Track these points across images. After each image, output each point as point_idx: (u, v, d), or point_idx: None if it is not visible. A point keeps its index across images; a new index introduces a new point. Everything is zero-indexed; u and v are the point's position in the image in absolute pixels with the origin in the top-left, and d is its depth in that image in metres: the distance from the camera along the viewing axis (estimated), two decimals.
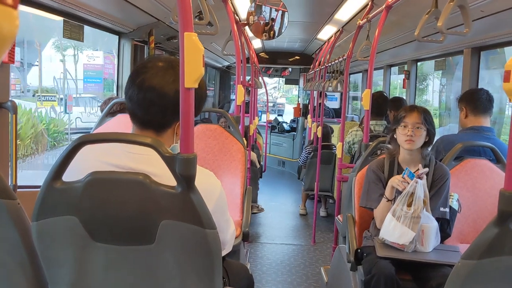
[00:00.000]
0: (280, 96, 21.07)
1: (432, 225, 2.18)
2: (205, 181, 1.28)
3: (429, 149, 2.41)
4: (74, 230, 1.19)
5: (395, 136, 2.37)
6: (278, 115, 9.98)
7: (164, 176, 1.14)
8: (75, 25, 2.87)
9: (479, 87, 3.30)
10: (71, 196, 1.17)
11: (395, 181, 2.25)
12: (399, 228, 2.14)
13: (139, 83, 1.29)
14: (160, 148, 1.11)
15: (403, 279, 2.15)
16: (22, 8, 2.44)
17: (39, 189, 1.19)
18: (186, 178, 1.11)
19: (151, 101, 1.28)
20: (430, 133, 2.31)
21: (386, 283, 2.05)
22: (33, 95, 6.38)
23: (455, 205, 2.37)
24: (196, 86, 1.07)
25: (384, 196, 2.31)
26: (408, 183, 2.18)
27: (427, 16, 2.19)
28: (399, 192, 2.23)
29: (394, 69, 5.95)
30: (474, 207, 2.55)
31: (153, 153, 1.12)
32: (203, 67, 1.08)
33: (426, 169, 2.23)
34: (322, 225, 5.44)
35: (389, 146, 2.49)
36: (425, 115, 2.30)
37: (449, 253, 2.19)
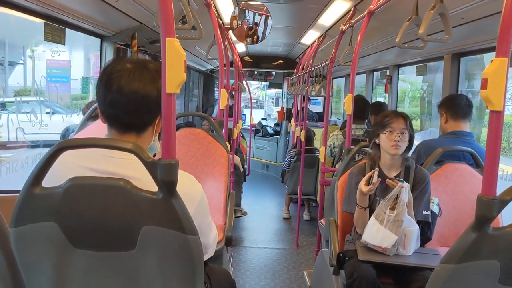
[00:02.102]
0: (262, 95, 21.85)
1: (414, 228, 2.20)
2: (185, 184, 1.27)
3: (410, 153, 2.45)
4: (54, 236, 1.17)
5: (377, 141, 2.39)
6: (262, 119, 10.01)
7: (145, 180, 1.14)
8: (56, 28, 2.84)
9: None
10: (51, 202, 1.15)
11: (362, 185, 2.28)
12: (382, 232, 2.16)
13: (118, 88, 1.28)
14: (142, 154, 1.10)
15: (384, 282, 2.17)
16: (2, 10, 2.40)
17: (18, 194, 1.17)
18: (167, 183, 1.11)
19: (137, 104, 1.28)
20: (412, 138, 2.34)
21: (367, 287, 2.07)
22: None
23: (435, 209, 2.40)
24: (178, 91, 1.08)
25: (357, 204, 2.33)
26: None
27: (408, 23, 2.22)
28: (383, 196, 2.25)
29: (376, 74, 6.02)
30: (454, 210, 2.59)
31: (133, 156, 1.11)
32: (185, 72, 1.08)
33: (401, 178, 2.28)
34: (305, 228, 5.46)
35: (367, 149, 2.50)
36: (409, 121, 2.33)
37: (430, 257, 2.22)
